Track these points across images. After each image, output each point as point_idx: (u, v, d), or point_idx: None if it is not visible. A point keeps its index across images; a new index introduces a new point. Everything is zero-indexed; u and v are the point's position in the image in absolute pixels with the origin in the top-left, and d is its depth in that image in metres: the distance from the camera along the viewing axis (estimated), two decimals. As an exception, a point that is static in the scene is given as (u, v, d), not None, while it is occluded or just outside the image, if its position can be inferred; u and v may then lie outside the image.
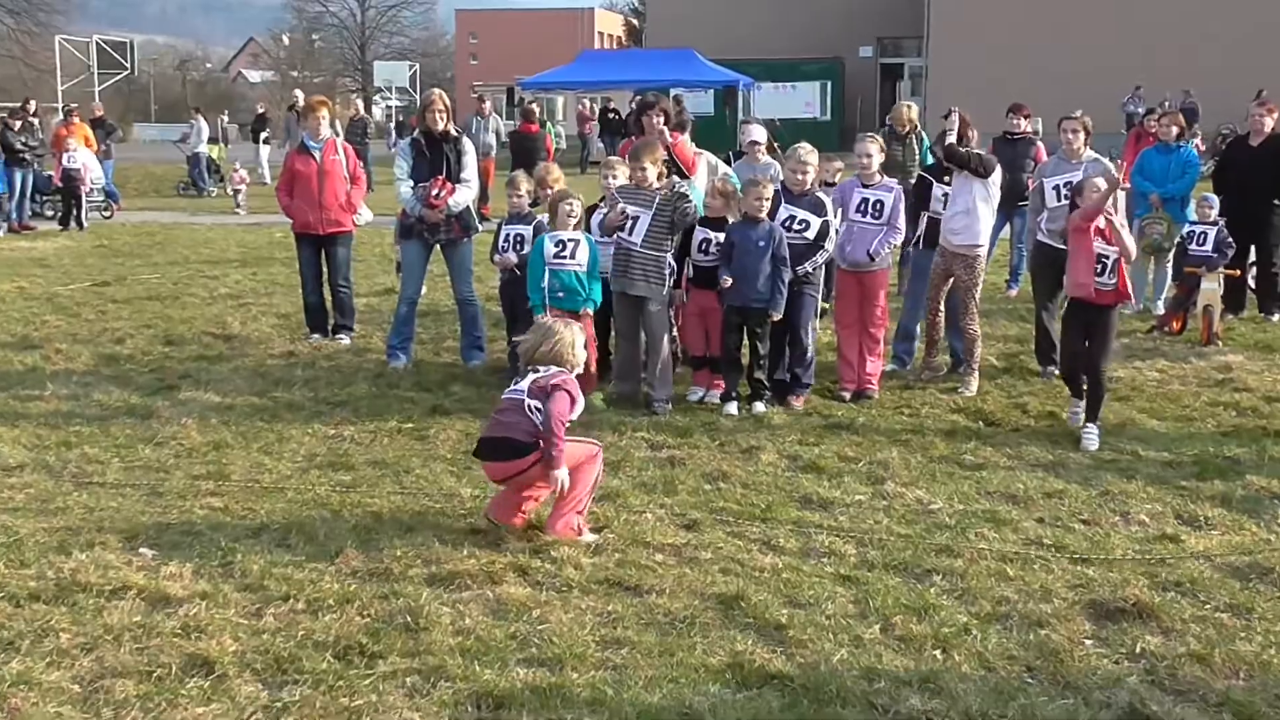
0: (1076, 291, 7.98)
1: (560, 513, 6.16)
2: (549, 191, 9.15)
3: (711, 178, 9.34)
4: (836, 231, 8.82)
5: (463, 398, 8.99)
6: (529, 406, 6.04)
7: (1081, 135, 9.48)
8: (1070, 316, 8.22)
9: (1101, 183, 8.02)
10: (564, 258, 8.47)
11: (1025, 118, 12.43)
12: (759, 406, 8.61)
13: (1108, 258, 7.77)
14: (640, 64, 40.71)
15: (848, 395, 8.96)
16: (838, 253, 9.02)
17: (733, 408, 8.59)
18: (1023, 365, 9.97)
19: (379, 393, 9.18)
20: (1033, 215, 10.00)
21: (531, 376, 6.17)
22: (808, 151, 8.88)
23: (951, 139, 9.28)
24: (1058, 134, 9.79)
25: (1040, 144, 12.61)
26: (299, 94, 26.80)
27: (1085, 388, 8.03)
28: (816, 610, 5.29)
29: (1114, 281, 7.81)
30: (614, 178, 9.02)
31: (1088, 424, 7.87)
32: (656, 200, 8.54)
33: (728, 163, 10.34)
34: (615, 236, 8.63)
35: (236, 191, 25.45)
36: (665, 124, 9.25)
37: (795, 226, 8.62)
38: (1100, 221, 7.77)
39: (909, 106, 13.30)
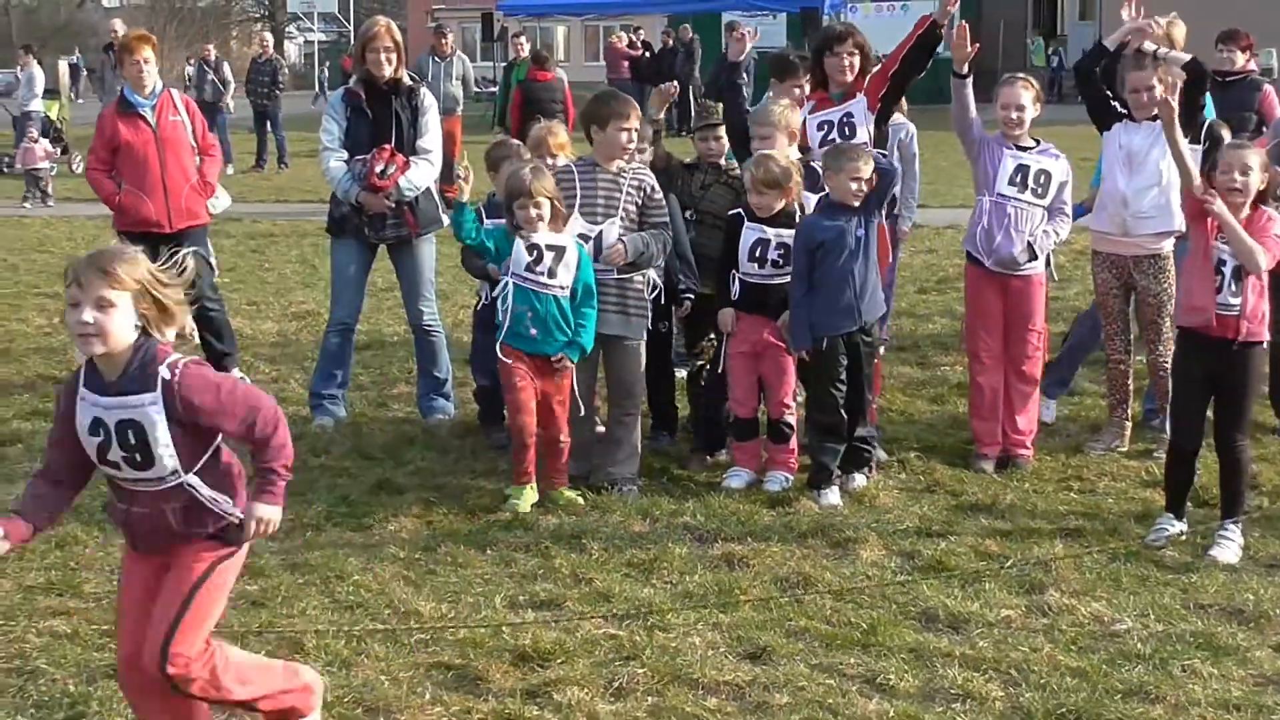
0: (1186, 318, 7.64)
1: None
2: (551, 163, 8.97)
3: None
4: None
5: (420, 469, 9.07)
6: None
7: None
8: (1182, 358, 7.88)
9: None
10: (539, 273, 8.25)
11: (1245, 50, 12.36)
12: (859, 480, 8.63)
13: (1226, 264, 7.37)
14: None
15: (989, 464, 8.98)
16: (979, 243, 9.00)
17: (834, 496, 8.42)
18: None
19: (298, 463, 9.21)
20: None
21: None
22: (783, 109, 8.85)
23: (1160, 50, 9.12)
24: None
25: (1270, 89, 12.56)
26: (117, 26, 25.70)
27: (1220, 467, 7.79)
28: (946, 781, 5.31)
29: (1238, 302, 7.38)
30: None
31: (1225, 525, 7.68)
32: (624, 190, 8.58)
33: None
34: None
35: (34, 173, 24.52)
36: (864, 66, 9.16)
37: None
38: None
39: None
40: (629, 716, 5.79)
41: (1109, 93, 9.40)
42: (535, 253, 8.10)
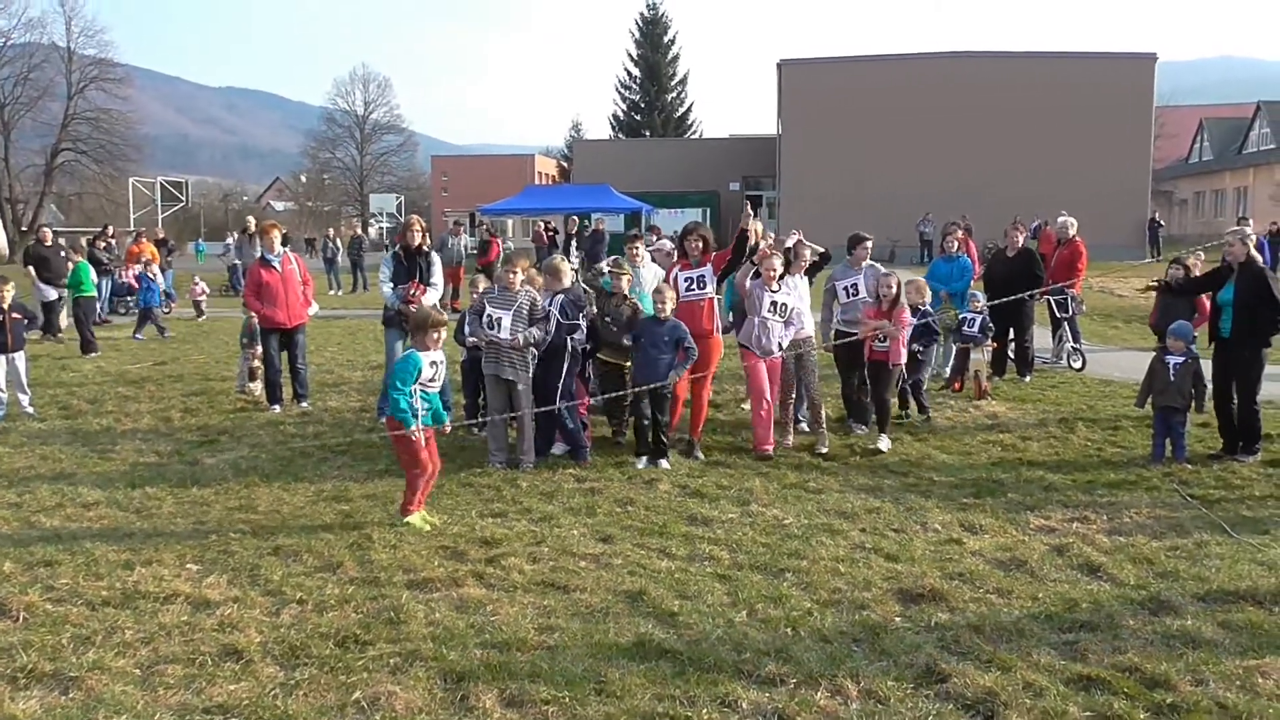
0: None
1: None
2: (514, 274, 8.03)
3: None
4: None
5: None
6: None
7: (868, 249, 9.60)
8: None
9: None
10: (434, 381, 6.64)
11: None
12: (663, 463, 8.16)
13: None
14: (569, 196, 40.87)
15: (767, 452, 8.46)
16: (753, 341, 8.47)
17: (642, 463, 8.09)
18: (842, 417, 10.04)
19: (369, 443, 9.03)
20: (824, 310, 9.70)
21: None
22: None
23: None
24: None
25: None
26: (250, 222, 23.80)
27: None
28: (699, 601, 5.29)
29: (884, 347, 8.70)
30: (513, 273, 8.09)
31: (882, 435, 8.42)
32: (517, 302, 7.88)
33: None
34: (484, 336, 7.90)
35: (197, 301, 21.33)
36: (705, 248, 8.64)
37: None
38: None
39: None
40: (540, 571, 5.71)
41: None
42: (434, 367, 6.59)
